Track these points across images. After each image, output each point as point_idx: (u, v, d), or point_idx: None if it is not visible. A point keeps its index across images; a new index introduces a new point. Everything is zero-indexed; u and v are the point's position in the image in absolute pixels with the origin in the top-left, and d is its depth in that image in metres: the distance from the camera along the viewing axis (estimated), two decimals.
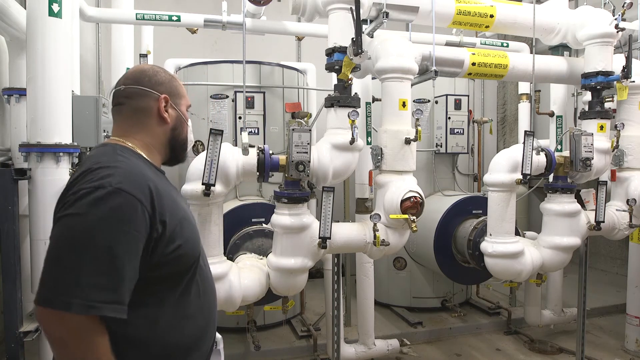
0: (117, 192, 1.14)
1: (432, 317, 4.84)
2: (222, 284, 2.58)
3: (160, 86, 1.41)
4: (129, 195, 1.15)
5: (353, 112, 2.62)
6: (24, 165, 2.70)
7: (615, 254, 6.65)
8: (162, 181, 1.36)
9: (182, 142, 1.50)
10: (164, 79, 1.43)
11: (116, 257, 1.11)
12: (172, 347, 1.30)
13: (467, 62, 3.29)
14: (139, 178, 1.22)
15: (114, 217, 1.12)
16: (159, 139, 1.44)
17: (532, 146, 3.04)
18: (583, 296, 3.64)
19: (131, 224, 1.14)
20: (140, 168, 1.28)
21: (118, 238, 1.12)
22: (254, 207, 3.65)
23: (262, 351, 3.91)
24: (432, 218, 4.19)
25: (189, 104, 1.53)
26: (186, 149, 1.53)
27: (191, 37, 4.62)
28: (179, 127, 1.47)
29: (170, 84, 1.44)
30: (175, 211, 1.30)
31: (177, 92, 1.46)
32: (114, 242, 1.11)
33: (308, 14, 3.02)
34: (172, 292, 1.30)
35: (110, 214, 1.12)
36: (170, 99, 1.43)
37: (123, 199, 1.14)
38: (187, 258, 1.31)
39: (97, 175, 1.16)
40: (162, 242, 1.23)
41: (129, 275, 1.14)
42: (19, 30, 3.43)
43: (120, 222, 1.13)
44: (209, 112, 4.31)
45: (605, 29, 3.30)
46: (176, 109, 1.45)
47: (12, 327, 2.65)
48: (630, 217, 3.44)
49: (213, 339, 1.49)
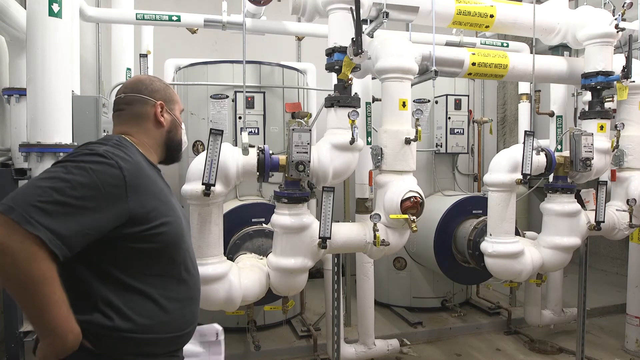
0: (103, 154, 1.30)
1: (432, 317, 4.84)
2: (222, 284, 2.58)
3: (157, 93, 1.60)
4: (113, 160, 1.30)
5: (353, 112, 2.62)
6: (24, 165, 2.70)
7: (615, 254, 6.65)
8: (154, 173, 1.50)
9: (176, 143, 1.67)
10: (159, 87, 1.61)
11: (78, 198, 1.22)
12: (154, 333, 1.38)
13: (467, 62, 3.29)
14: (129, 154, 1.38)
15: (92, 170, 1.26)
16: (156, 140, 1.60)
17: (532, 146, 3.04)
18: (583, 296, 3.64)
19: (105, 183, 1.26)
20: (134, 153, 1.43)
21: (88, 185, 1.24)
22: (254, 207, 3.64)
23: (262, 351, 3.91)
24: (432, 218, 4.18)
25: (182, 109, 1.71)
26: (181, 149, 1.69)
27: (191, 37, 4.62)
28: (174, 129, 1.64)
29: (165, 92, 1.62)
30: (159, 195, 1.42)
31: (171, 99, 1.64)
32: (82, 186, 1.23)
33: (308, 14, 3.02)
34: (158, 280, 1.41)
35: (89, 166, 1.26)
36: (166, 105, 1.60)
37: (106, 161, 1.29)
38: (168, 237, 1.40)
39: (90, 145, 1.37)
40: (139, 213, 1.33)
41: (84, 222, 1.22)
42: (19, 30, 3.43)
43: (96, 174, 1.26)
44: (209, 112, 4.30)
45: (605, 29, 3.30)
46: (171, 114, 1.62)
47: (12, 327, 2.65)
48: (630, 217, 3.43)
49: (192, 330, 1.55)
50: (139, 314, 1.34)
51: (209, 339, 1.83)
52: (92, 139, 3.02)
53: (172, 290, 1.44)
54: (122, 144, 1.43)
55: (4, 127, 3.91)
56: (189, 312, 1.49)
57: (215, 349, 1.56)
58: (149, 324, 1.36)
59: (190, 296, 1.50)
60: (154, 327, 1.38)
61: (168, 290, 1.42)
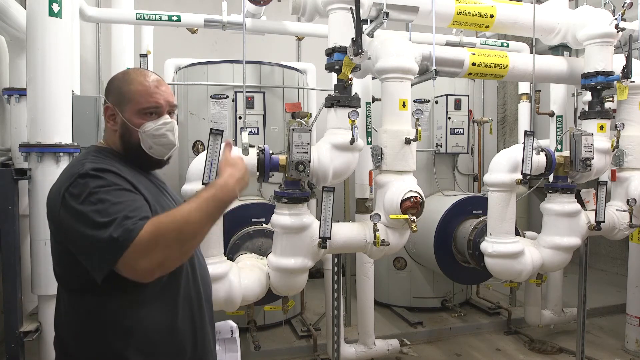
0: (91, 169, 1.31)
1: (432, 317, 4.84)
2: (222, 283, 2.58)
3: (109, 95, 1.48)
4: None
5: (353, 112, 2.62)
6: (24, 165, 2.70)
7: (615, 254, 6.65)
8: (138, 176, 1.44)
9: (134, 147, 1.47)
10: (112, 87, 1.48)
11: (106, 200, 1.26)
12: (155, 335, 1.36)
13: (467, 62, 3.29)
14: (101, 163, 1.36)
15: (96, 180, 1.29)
16: (118, 145, 1.49)
17: (532, 146, 3.03)
18: (583, 296, 3.63)
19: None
20: (110, 161, 1.40)
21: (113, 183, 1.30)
22: (254, 207, 3.64)
23: (262, 351, 3.90)
24: (432, 218, 4.18)
25: (149, 105, 1.45)
26: (146, 154, 1.49)
27: (191, 37, 4.62)
28: (126, 133, 1.46)
29: (120, 91, 1.46)
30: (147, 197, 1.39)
31: (127, 98, 1.45)
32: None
33: (308, 14, 3.02)
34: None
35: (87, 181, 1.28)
36: (117, 107, 1.45)
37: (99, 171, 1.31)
38: None
39: (74, 169, 1.34)
40: None
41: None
42: (19, 30, 3.43)
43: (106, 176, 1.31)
44: (209, 112, 4.31)
45: (605, 29, 3.30)
46: (121, 116, 1.45)
47: (12, 327, 2.64)
48: (630, 217, 3.43)
49: (205, 327, 1.52)
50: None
51: (224, 336, 1.81)
52: (92, 139, 3.06)
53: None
54: (93, 156, 1.42)
55: (4, 127, 3.91)
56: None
57: (231, 345, 1.56)
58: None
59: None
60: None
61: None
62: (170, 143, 1.50)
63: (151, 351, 1.36)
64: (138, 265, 1.19)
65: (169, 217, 1.23)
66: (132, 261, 1.18)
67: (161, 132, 1.47)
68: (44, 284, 2.65)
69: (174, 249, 1.22)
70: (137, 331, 1.34)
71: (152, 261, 1.19)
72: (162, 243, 1.19)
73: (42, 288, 2.66)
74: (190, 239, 1.24)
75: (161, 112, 1.48)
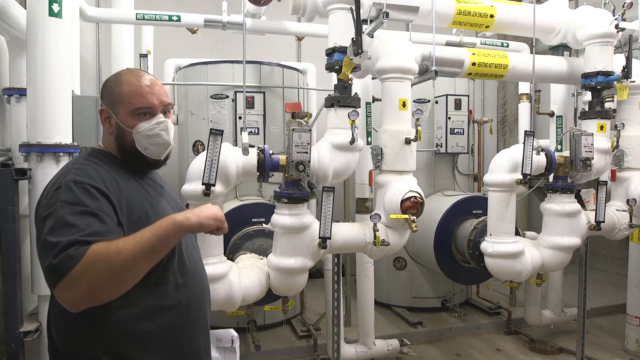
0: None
1: (432, 317, 4.84)
2: (222, 283, 2.58)
3: (103, 97, 1.48)
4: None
5: (353, 112, 2.62)
6: (24, 165, 2.71)
7: (615, 254, 6.65)
8: (128, 181, 1.44)
9: (130, 149, 1.46)
10: (106, 89, 1.48)
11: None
12: (148, 335, 1.36)
13: (467, 62, 3.29)
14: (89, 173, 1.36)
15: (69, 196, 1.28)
16: (114, 147, 1.49)
17: (532, 146, 3.03)
18: (583, 296, 3.63)
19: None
20: (95, 170, 1.38)
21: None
22: (254, 207, 3.64)
23: (262, 351, 3.91)
24: (432, 218, 4.18)
25: (141, 106, 1.44)
26: (142, 155, 1.47)
27: (191, 37, 4.62)
28: (121, 135, 1.46)
29: (112, 92, 1.46)
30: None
31: (119, 100, 1.44)
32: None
33: (308, 14, 3.02)
34: (146, 279, 1.32)
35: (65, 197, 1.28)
36: (111, 109, 1.45)
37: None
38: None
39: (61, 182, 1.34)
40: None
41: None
42: (19, 30, 3.43)
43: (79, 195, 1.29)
44: (209, 112, 4.30)
45: (605, 29, 3.30)
46: (115, 118, 1.45)
47: (12, 327, 2.65)
48: (630, 217, 3.43)
49: (196, 338, 1.50)
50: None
51: (224, 344, 1.80)
52: (92, 139, 3.06)
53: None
54: (84, 160, 1.43)
55: (4, 127, 3.91)
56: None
57: (230, 355, 1.55)
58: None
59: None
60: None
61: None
62: (165, 142, 1.48)
63: (136, 357, 1.35)
64: (64, 295, 1.19)
65: (106, 247, 1.20)
66: (61, 291, 1.19)
67: (155, 132, 1.45)
68: (44, 284, 2.61)
69: (102, 282, 1.19)
70: (127, 336, 1.34)
71: (77, 293, 1.18)
72: (89, 275, 1.17)
73: (42, 288, 2.67)
74: (120, 272, 1.21)
75: (154, 112, 1.46)
